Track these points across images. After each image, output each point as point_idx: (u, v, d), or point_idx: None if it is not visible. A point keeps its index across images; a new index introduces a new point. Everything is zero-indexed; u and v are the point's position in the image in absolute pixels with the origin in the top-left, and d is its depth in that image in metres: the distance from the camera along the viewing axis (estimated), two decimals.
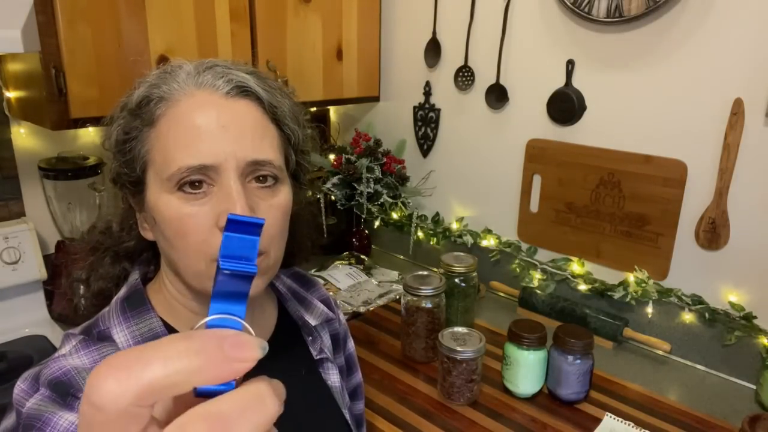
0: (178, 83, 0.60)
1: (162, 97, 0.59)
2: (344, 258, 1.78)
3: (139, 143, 0.60)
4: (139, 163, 0.60)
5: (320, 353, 0.77)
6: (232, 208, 0.55)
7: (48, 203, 1.48)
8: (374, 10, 1.76)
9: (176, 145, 0.57)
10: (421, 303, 1.25)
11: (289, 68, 1.56)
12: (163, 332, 0.63)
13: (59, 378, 0.57)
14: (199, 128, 0.57)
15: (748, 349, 1.22)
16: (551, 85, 1.45)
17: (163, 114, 0.59)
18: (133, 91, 0.62)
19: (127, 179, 0.62)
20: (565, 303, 1.46)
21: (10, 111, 1.40)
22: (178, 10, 1.30)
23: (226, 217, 0.56)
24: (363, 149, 1.76)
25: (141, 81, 0.63)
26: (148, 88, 0.60)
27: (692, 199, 1.27)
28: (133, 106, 0.60)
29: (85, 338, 0.62)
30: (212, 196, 0.57)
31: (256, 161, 0.58)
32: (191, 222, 0.57)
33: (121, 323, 0.63)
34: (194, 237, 0.57)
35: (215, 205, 0.57)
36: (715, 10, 1.18)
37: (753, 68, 1.15)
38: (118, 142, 0.61)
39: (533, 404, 1.14)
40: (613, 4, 1.28)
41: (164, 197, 0.58)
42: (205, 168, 0.56)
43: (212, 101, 0.58)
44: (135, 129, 0.60)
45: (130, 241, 0.69)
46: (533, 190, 1.55)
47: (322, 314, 0.79)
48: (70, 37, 1.15)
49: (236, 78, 0.60)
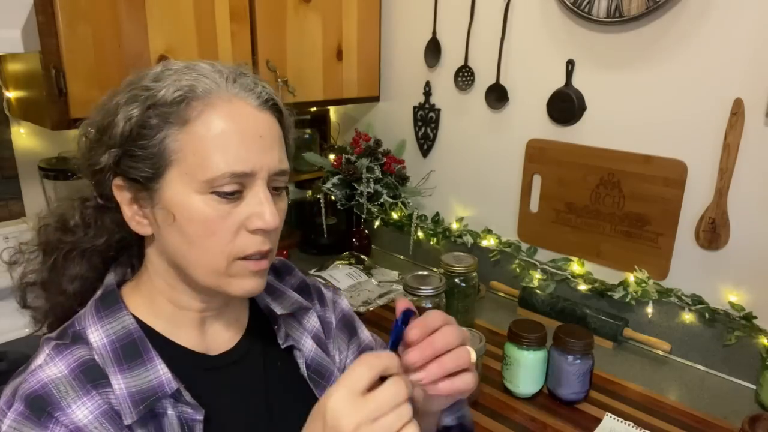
0: (213, 87, 0.60)
1: (198, 98, 0.59)
2: (344, 258, 1.78)
3: (165, 140, 0.59)
4: (161, 159, 0.60)
5: (287, 341, 0.76)
6: (263, 213, 0.60)
7: (48, 203, 1.48)
8: (374, 10, 1.76)
9: (218, 150, 0.59)
10: (421, 303, 1.25)
11: (289, 68, 1.56)
12: (135, 329, 0.63)
13: (37, 392, 0.57)
14: (241, 137, 0.60)
15: (748, 349, 1.22)
16: (551, 85, 1.45)
17: (198, 116, 0.59)
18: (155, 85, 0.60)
19: (137, 173, 0.61)
20: (565, 303, 1.46)
21: (10, 111, 1.40)
22: (178, 10, 1.30)
23: (259, 221, 0.60)
24: (363, 149, 1.76)
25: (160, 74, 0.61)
26: (181, 86, 0.60)
27: (692, 199, 1.27)
28: (161, 102, 0.59)
29: (58, 343, 0.62)
30: (241, 200, 0.61)
31: (281, 171, 0.63)
32: (223, 223, 0.60)
33: (95, 323, 0.63)
34: (222, 237, 0.60)
35: (245, 209, 0.61)
36: (715, 10, 1.18)
37: (753, 68, 1.15)
38: (130, 135, 0.60)
39: (533, 404, 1.14)
40: (613, 4, 1.28)
41: (194, 197, 0.59)
42: (246, 175, 0.60)
43: (249, 111, 0.61)
44: (159, 125, 0.59)
45: (98, 238, 0.68)
46: (533, 190, 1.55)
47: (295, 303, 0.78)
48: (70, 37, 1.16)
49: (265, 91, 0.63)
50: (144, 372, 0.61)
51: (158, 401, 0.60)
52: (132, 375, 0.60)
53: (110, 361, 0.61)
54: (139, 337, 0.63)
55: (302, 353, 0.77)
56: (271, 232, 0.63)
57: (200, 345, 0.69)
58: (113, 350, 0.61)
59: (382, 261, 1.85)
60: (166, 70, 0.62)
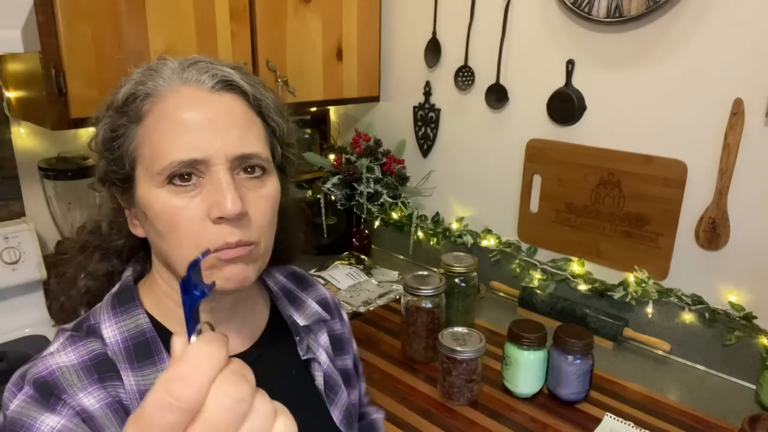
0: (164, 79, 0.61)
1: (148, 94, 0.60)
2: (344, 258, 1.78)
3: (126, 140, 0.61)
4: (127, 159, 0.61)
5: (307, 353, 0.76)
6: (222, 200, 0.57)
7: (48, 203, 1.48)
8: (374, 10, 1.76)
9: (165, 140, 0.58)
10: (421, 303, 1.25)
11: (289, 68, 1.56)
12: (149, 329, 0.63)
13: (44, 377, 0.58)
14: (187, 123, 0.58)
15: (748, 349, 1.22)
16: (551, 85, 1.45)
17: (149, 110, 0.60)
18: (119, 89, 0.62)
19: (115, 177, 0.63)
20: (565, 303, 1.46)
21: (10, 111, 1.40)
22: (178, 10, 1.30)
23: (217, 209, 0.57)
24: (363, 149, 1.76)
25: (126, 79, 0.63)
26: (134, 85, 0.61)
27: (692, 199, 1.27)
28: (119, 104, 0.61)
29: (73, 334, 0.63)
30: (202, 188, 0.59)
31: (244, 155, 0.59)
32: (183, 214, 0.58)
33: (110, 318, 0.63)
34: (186, 229, 0.58)
35: (206, 197, 0.58)
36: (715, 10, 1.18)
37: (753, 68, 1.15)
38: (105, 141, 0.62)
39: (533, 404, 1.14)
40: (613, 4, 1.28)
41: (154, 191, 0.59)
42: (195, 162, 0.58)
43: (198, 96, 0.60)
44: (122, 126, 0.61)
45: (119, 239, 0.70)
46: (533, 190, 1.55)
47: (315, 314, 0.79)
48: (70, 37, 1.15)
49: (220, 72, 0.61)
50: (154, 373, 0.61)
51: None
52: (142, 374, 0.60)
53: (122, 357, 0.61)
54: (152, 337, 0.63)
55: (320, 366, 0.77)
56: (243, 221, 0.59)
57: None
58: (125, 348, 0.62)
59: (382, 261, 1.85)
60: (133, 73, 0.63)
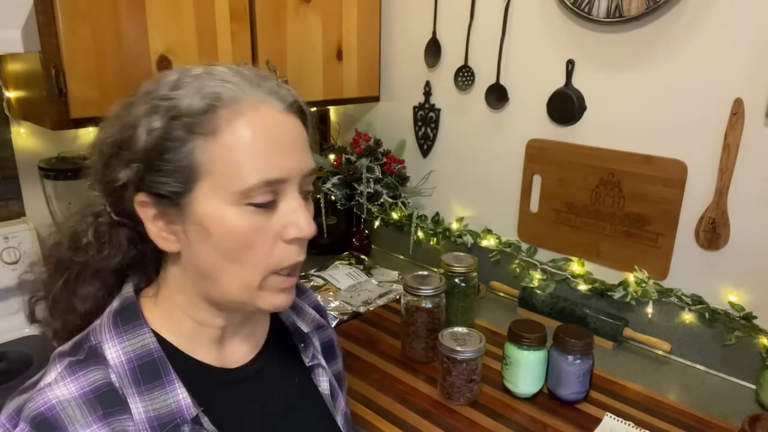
0: (239, 93, 0.58)
1: (225, 106, 0.57)
2: (344, 258, 1.78)
3: (194, 152, 0.56)
4: (191, 172, 0.57)
5: (312, 360, 0.77)
6: (300, 221, 0.59)
7: (48, 203, 1.48)
8: (374, 10, 1.76)
9: (250, 160, 0.57)
10: (421, 303, 1.25)
11: (289, 68, 1.56)
12: (156, 348, 0.61)
13: (43, 415, 0.54)
14: (273, 143, 0.58)
15: (748, 349, 1.22)
16: (551, 85, 1.45)
17: (226, 125, 0.56)
18: (176, 94, 0.57)
19: (165, 188, 0.58)
20: (565, 303, 1.46)
21: (10, 111, 1.40)
22: (178, 10, 1.30)
23: (295, 230, 0.58)
24: (363, 149, 1.76)
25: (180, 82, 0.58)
26: (205, 95, 0.57)
27: (692, 199, 1.27)
28: (185, 113, 0.56)
29: (72, 362, 0.58)
30: (276, 209, 0.60)
31: (311, 171, 0.62)
32: (259, 234, 0.58)
33: (113, 338, 0.60)
34: (260, 250, 0.59)
35: (280, 218, 0.60)
36: (715, 10, 1.18)
37: (753, 68, 1.15)
38: (153, 149, 0.57)
39: (533, 404, 1.14)
40: (613, 4, 1.28)
41: (229, 210, 0.57)
42: (279, 182, 0.58)
43: (278, 116, 0.60)
44: (186, 137, 0.56)
45: (114, 257, 0.64)
46: (533, 190, 1.55)
47: (314, 321, 0.79)
48: (70, 37, 1.15)
49: (290, 94, 0.62)
50: (163, 395, 0.59)
51: (177, 428, 0.59)
52: (150, 398, 0.58)
53: (128, 381, 0.58)
54: (160, 357, 0.60)
55: (326, 371, 0.77)
56: (304, 240, 0.62)
57: (218, 359, 0.68)
58: (131, 369, 0.59)
59: (382, 261, 1.85)
60: (184, 77, 0.59)
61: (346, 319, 1.46)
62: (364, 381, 1.20)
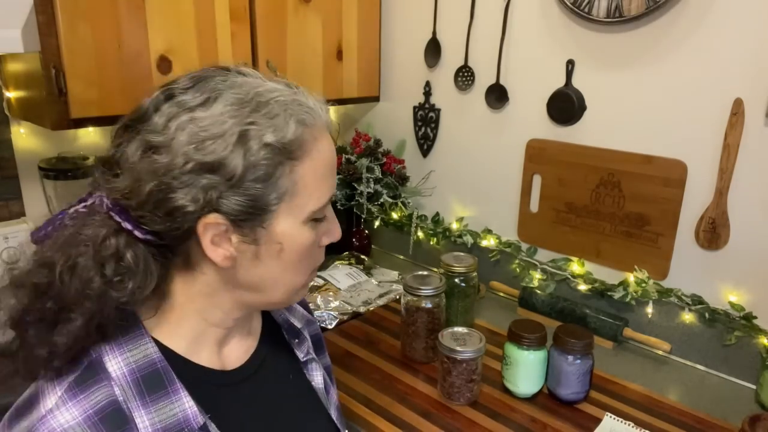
0: (317, 118, 0.62)
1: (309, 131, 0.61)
2: (344, 258, 1.78)
3: (283, 176, 0.58)
4: (275, 193, 0.58)
5: (306, 354, 0.78)
6: (336, 229, 0.68)
7: (48, 203, 1.48)
8: (374, 10, 1.76)
9: (323, 182, 0.63)
10: (421, 303, 1.25)
11: (289, 68, 1.56)
12: (159, 358, 0.60)
13: None
14: (332, 164, 0.65)
15: (748, 349, 1.22)
16: (551, 85, 1.45)
17: (310, 150, 0.61)
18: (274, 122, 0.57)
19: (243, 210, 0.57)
20: (565, 303, 1.46)
21: (10, 111, 1.40)
22: (178, 10, 1.30)
23: (332, 236, 0.65)
24: (363, 149, 1.76)
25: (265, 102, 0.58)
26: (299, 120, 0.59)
27: (692, 199, 1.27)
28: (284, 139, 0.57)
29: (71, 383, 0.55)
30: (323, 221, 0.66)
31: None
32: (314, 245, 0.65)
33: (113, 349, 0.58)
34: (313, 258, 0.67)
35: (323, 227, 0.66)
36: (715, 10, 1.18)
37: (753, 68, 1.15)
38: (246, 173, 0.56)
39: (533, 404, 1.14)
40: (613, 4, 1.28)
41: (300, 227, 0.62)
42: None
43: (328, 136, 0.64)
44: (278, 162, 0.58)
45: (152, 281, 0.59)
46: (533, 190, 1.55)
47: (303, 316, 0.82)
48: (70, 37, 1.15)
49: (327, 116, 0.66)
50: (169, 405, 0.58)
51: None
52: (156, 409, 0.57)
53: (132, 394, 0.57)
54: (163, 366, 0.59)
55: (319, 366, 0.79)
56: None
57: (217, 361, 0.68)
58: (134, 381, 0.57)
59: (382, 261, 1.85)
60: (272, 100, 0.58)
61: (346, 319, 1.46)
62: (364, 381, 1.20)
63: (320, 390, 0.79)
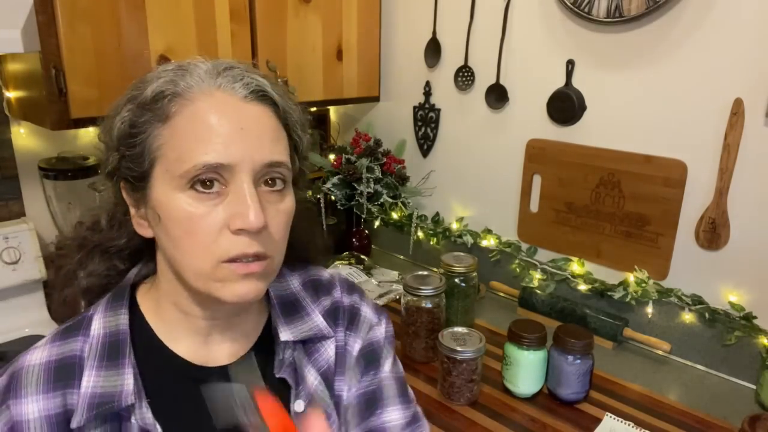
0: (196, 81, 0.59)
1: (178, 94, 0.58)
2: (344, 258, 1.78)
3: (149, 138, 0.59)
4: (147, 158, 0.59)
5: (282, 371, 0.68)
6: (246, 212, 0.56)
7: (48, 203, 1.48)
8: (374, 10, 1.76)
9: (193, 143, 0.57)
10: (421, 303, 1.25)
11: (289, 68, 1.56)
12: (124, 330, 0.63)
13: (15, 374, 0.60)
14: (217, 128, 0.57)
15: (748, 349, 1.22)
16: (551, 85, 1.45)
17: (178, 111, 0.58)
18: (144, 84, 0.60)
19: (129, 174, 0.60)
20: (565, 303, 1.46)
21: (10, 111, 1.40)
22: (178, 10, 1.30)
23: (240, 220, 0.56)
24: (363, 149, 1.76)
25: (154, 75, 0.61)
26: (164, 83, 0.59)
27: (692, 199, 1.27)
28: (146, 100, 0.59)
29: (62, 329, 0.64)
30: (224, 197, 0.58)
31: (272, 162, 0.59)
32: (202, 221, 0.57)
33: (102, 312, 0.65)
34: (203, 237, 0.57)
35: (227, 207, 0.57)
36: (715, 10, 1.18)
37: (753, 68, 1.15)
38: (123, 136, 0.60)
39: (533, 404, 1.14)
40: (613, 4, 1.28)
41: (174, 195, 0.58)
42: (221, 167, 0.56)
43: (231, 103, 0.59)
44: (145, 123, 0.59)
45: (120, 238, 0.69)
46: (533, 190, 1.55)
47: (310, 330, 0.70)
48: (70, 37, 1.15)
49: (254, 82, 0.61)
50: (115, 375, 0.61)
51: (111, 410, 0.59)
52: (104, 375, 0.60)
53: (94, 354, 0.61)
54: (123, 339, 0.63)
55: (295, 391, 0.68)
56: (262, 234, 0.58)
57: (199, 355, 0.66)
58: (102, 344, 0.62)
59: (382, 261, 1.85)
60: (161, 71, 0.61)
61: None
62: None
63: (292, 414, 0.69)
